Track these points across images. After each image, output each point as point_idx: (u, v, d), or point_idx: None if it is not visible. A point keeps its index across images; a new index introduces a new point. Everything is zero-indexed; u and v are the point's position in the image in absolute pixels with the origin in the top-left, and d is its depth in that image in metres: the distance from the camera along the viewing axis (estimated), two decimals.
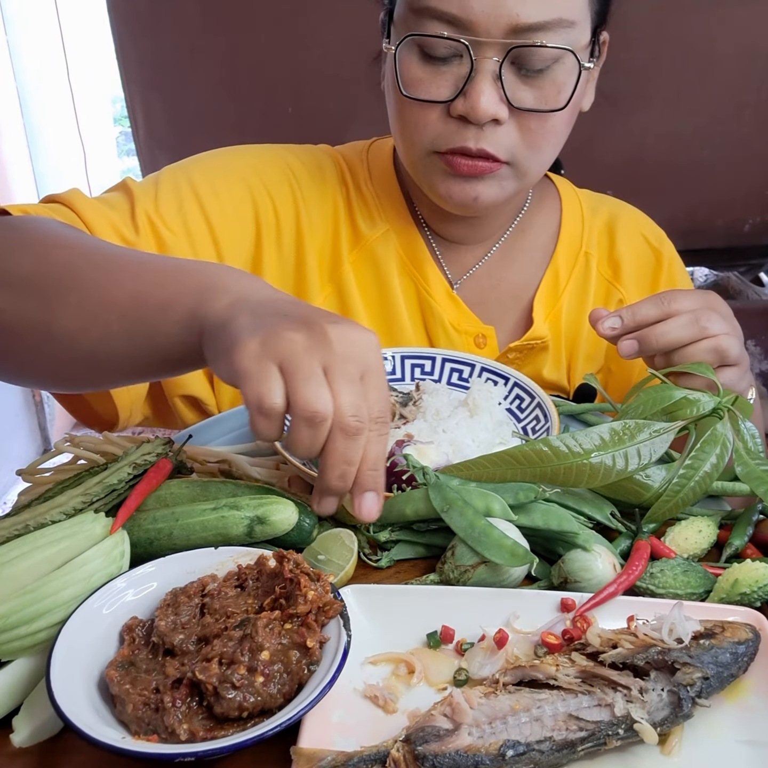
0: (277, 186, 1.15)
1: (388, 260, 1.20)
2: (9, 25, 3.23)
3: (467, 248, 1.24)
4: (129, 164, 4.89)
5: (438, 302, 1.21)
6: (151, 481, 0.78)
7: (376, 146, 1.25)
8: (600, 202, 1.31)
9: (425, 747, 0.57)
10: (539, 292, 1.23)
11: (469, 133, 1.00)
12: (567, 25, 0.96)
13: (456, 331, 1.22)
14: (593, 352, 1.26)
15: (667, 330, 0.89)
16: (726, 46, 2.34)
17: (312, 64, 2.31)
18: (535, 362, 1.24)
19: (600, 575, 0.75)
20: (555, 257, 1.25)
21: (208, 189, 1.11)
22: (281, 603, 0.65)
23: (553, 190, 1.29)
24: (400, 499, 0.83)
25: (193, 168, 1.14)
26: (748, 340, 2.76)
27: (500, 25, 0.94)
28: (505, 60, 0.96)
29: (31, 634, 0.63)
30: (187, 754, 0.55)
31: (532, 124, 1.01)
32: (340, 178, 1.21)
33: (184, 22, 2.31)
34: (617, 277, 1.26)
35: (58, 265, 0.84)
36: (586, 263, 1.25)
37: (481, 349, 1.22)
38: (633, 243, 1.27)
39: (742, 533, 0.83)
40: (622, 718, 0.60)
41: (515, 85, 0.98)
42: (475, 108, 0.97)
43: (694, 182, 2.58)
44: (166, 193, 1.09)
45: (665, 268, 1.27)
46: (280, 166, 1.17)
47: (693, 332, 0.89)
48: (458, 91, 0.98)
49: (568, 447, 0.80)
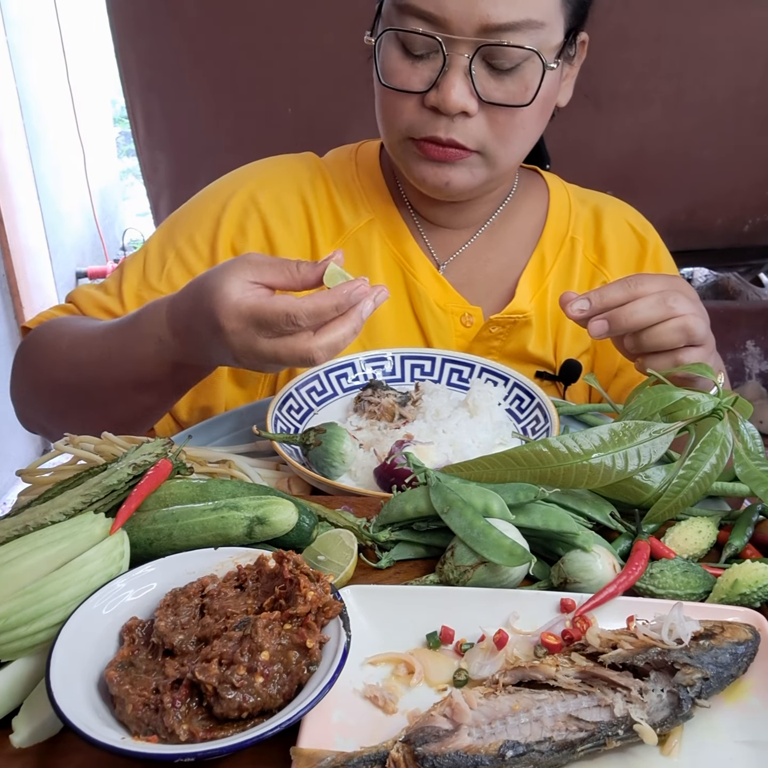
0: (241, 217, 1.24)
1: (372, 248, 1.26)
2: (9, 27, 3.24)
3: (453, 232, 1.29)
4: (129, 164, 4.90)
5: (424, 284, 1.26)
6: (150, 481, 0.78)
7: (365, 146, 1.33)
8: (588, 194, 1.37)
9: (425, 747, 0.57)
10: (525, 273, 1.28)
11: (441, 123, 1.07)
12: (536, 26, 1.02)
13: (443, 311, 1.26)
14: (580, 332, 1.30)
15: (635, 310, 0.93)
16: (726, 46, 2.34)
17: (312, 65, 2.31)
18: (519, 337, 1.27)
19: (600, 576, 0.75)
20: (542, 241, 1.30)
21: (187, 244, 1.24)
22: (281, 603, 0.65)
23: (540, 182, 1.35)
24: (401, 498, 0.83)
25: (173, 229, 1.27)
26: (748, 340, 2.76)
27: (472, 24, 1.01)
28: (475, 56, 1.02)
29: (30, 634, 0.63)
30: (186, 755, 0.55)
31: (500, 118, 1.07)
32: (313, 176, 1.28)
33: (184, 23, 2.31)
34: (603, 261, 1.31)
35: (65, 380, 1.13)
36: (572, 247, 1.30)
37: (467, 327, 1.26)
38: (619, 230, 1.32)
39: (741, 534, 0.83)
40: (621, 719, 0.60)
41: (485, 81, 1.05)
42: (446, 100, 1.04)
43: (694, 182, 2.58)
44: (151, 263, 1.24)
45: (650, 254, 1.32)
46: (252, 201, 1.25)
47: (661, 312, 0.93)
48: (432, 83, 1.05)
49: (568, 448, 0.80)
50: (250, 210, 1.24)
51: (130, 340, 1.04)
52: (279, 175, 1.28)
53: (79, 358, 1.10)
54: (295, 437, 1.00)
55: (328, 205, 1.27)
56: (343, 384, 1.14)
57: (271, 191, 1.26)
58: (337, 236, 1.26)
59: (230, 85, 2.39)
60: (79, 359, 1.10)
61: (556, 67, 1.07)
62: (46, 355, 1.16)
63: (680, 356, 0.95)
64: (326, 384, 1.13)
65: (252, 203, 1.24)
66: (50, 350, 1.16)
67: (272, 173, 1.29)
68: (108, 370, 1.07)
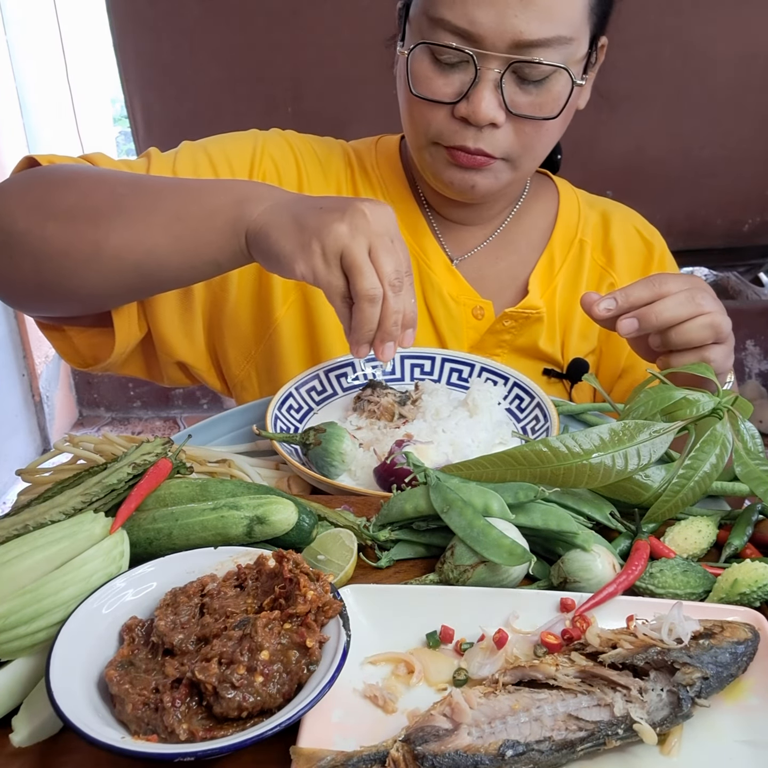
0: (283, 160, 1.26)
1: None
2: (8, 26, 3.23)
3: (467, 229, 1.31)
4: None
5: (437, 274, 1.27)
6: (150, 481, 0.78)
7: (384, 139, 1.36)
8: (596, 200, 1.39)
9: (425, 747, 0.57)
10: (535, 272, 1.30)
11: (469, 133, 1.09)
12: (565, 42, 1.05)
13: (455, 302, 1.27)
14: (587, 332, 1.32)
15: (666, 308, 0.94)
16: (726, 46, 2.34)
17: (312, 64, 2.31)
18: (531, 332, 1.28)
19: (599, 575, 0.75)
20: (551, 242, 1.32)
21: (221, 155, 1.23)
22: (281, 603, 0.65)
23: (551, 186, 1.37)
24: (401, 497, 0.83)
25: (208, 141, 1.26)
26: (748, 340, 2.76)
27: (504, 40, 1.03)
28: (506, 71, 1.04)
29: (30, 633, 0.63)
30: (186, 754, 0.55)
31: (527, 128, 1.10)
32: (347, 162, 1.31)
33: (183, 22, 2.31)
34: (610, 264, 1.33)
35: (102, 195, 1.01)
36: (580, 249, 1.32)
37: (479, 320, 1.28)
38: (626, 234, 1.34)
39: (741, 533, 0.83)
40: (621, 718, 0.60)
41: (514, 94, 1.07)
42: (476, 112, 1.06)
43: (694, 182, 2.58)
44: (183, 160, 1.21)
45: (656, 259, 1.34)
46: (288, 144, 1.28)
47: (690, 309, 0.94)
48: (462, 94, 1.07)
49: (568, 447, 0.80)
50: (288, 157, 1.25)
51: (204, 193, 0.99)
52: (319, 149, 1.30)
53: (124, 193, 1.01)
54: (294, 437, 1.00)
55: (353, 190, 1.29)
56: (342, 384, 1.14)
57: (310, 163, 1.27)
58: None
59: (230, 84, 2.39)
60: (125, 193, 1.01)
61: (584, 84, 1.09)
62: (87, 176, 1.03)
63: (707, 353, 0.96)
64: (326, 383, 1.13)
65: (292, 154, 1.26)
66: (93, 173, 1.04)
67: (316, 145, 1.31)
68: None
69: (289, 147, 1.27)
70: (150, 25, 2.33)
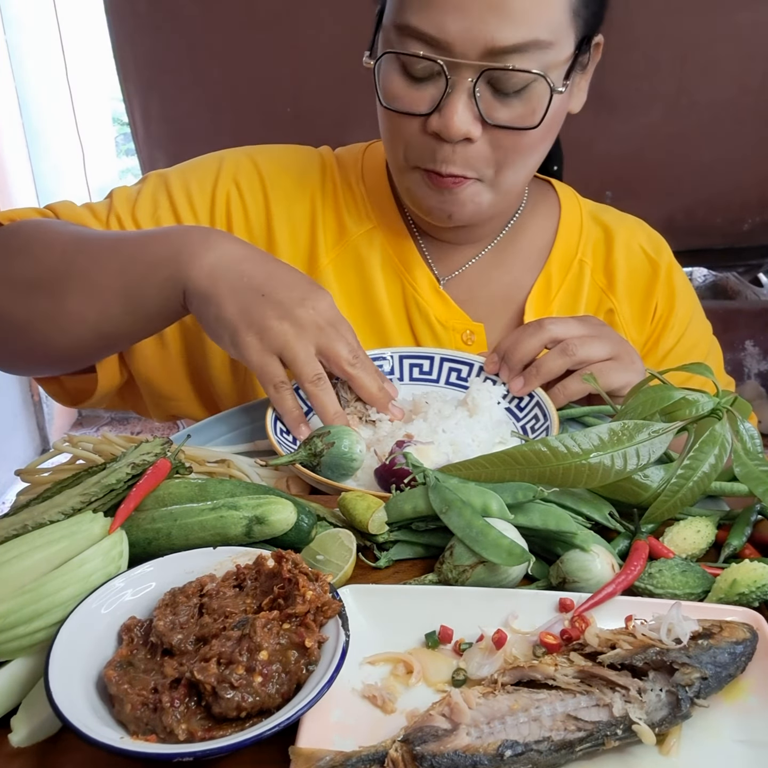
0: (247, 184, 1.22)
1: (372, 257, 1.23)
2: (8, 26, 3.24)
3: (456, 248, 1.25)
4: (128, 164, 4.89)
5: (424, 298, 1.22)
6: (149, 481, 0.78)
7: (372, 148, 1.28)
8: (602, 211, 1.32)
9: (423, 747, 0.57)
10: (531, 296, 1.24)
11: (441, 153, 1.03)
12: (544, 47, 0.97)
13: (443, 327, 1.22)
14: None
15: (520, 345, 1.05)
16: (726, 46, 2.34)
17: (311, 64, 2.31)
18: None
19: (598, 575, 0.75)
20: (549, 262, 1.26)
21: (181, 191, 1.20)
22: (280, 603, 0.65)
23: (552, 197, 1.30)
24: (400, 498, 0.83)
25: (172, 173, 1.23)
26: (747, 341, 2.76)
27: (476, 47, 0.95)
28: (479, 80, 0.97)
29: (29, 633, 0.63)
30: (185, 754, 0.55)
31: (505, 142, 1.03)
32: (325, 176, 1.25)
33: (182, 22, 2.31)
34: (611, 287, 1.27)
35: (54, 260, 1.03)
36: (580, 270, 1.26)
37: (468, 346, 1.23)
38: (630, 254, 1.28)
39: (740, 533, 0.83)
40: (620, 719, 0.60)
41: (490, 104, 1.00)
42: (448, 126, 0.99)
43: (693, 182, 2.58)
44: (143, 201, 1.20)
45: (662, 279, 1.28)
46: (254, 166, 1.23)
47: (540, 340, 1.05)
48: (435, 105, 1.00)
49: (567, 447, 0.80)
50: (252, 177, 1.22)
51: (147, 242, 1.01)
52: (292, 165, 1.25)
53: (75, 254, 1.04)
54: (302, 454, 0.94)
55: (334, 207, 1.24)
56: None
57: (279, 180, 1.23)
58: (337, 242, 1.23)
59: (229, 84, 2.39)
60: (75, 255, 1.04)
61: (564, 91, 1.01)
62: (40, 241, 1.06)
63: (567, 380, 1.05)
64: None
65: (256, 173, 1.23)
66: (45, 237, 1.06)
67: (287, 160, 1.26)
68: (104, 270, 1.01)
69: (256, 170, 1.22)
70: (148, 25, 2.33)
